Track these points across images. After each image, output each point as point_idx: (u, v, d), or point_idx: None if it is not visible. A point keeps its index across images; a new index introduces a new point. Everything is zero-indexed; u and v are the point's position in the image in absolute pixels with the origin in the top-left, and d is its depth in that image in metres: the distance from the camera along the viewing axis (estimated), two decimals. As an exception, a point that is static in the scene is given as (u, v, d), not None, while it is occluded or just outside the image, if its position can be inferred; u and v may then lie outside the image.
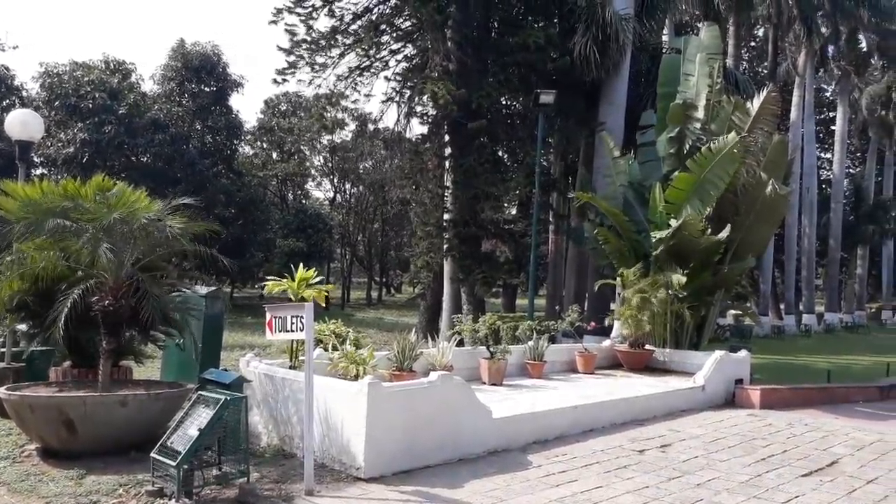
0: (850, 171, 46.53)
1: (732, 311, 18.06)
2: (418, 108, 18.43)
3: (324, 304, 7.98)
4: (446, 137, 16.74)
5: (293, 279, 7.56)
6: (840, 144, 36.96)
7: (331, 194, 47.52)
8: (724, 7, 24.37)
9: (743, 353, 11.17)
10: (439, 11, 15.58)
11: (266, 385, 7.24)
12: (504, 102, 18.70)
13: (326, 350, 8.01)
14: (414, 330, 10.46)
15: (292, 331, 5.71)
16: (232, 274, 34.13)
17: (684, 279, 11.54)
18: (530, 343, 10.75)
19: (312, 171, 46.75)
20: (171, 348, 9.10)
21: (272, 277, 7.85)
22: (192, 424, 5.41)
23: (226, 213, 31.94)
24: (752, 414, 9.64)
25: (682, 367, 11.40)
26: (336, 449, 6.25)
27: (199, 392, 5.88)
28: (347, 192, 46.71)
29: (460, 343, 10.51)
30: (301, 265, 7.73)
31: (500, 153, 19.35)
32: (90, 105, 28.48)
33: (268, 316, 5.94)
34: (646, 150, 14.29)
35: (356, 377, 6.90)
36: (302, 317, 5.54)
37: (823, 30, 31.22)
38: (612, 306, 14.33)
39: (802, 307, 33.07)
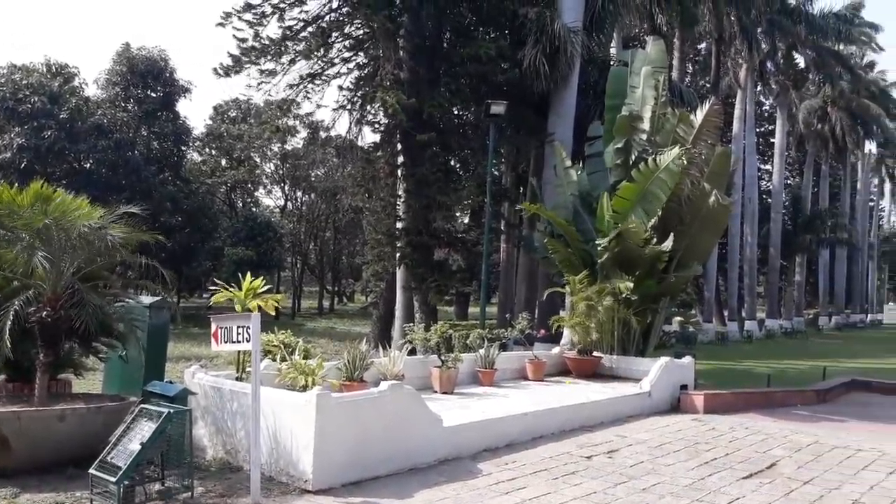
0: (789, 182, 48.37)
1: (678, 318, 18.56)
2: (370, 117, 18.38)
3: (273, 314, 7.86)
4: (398, 146, 16.74)
5: (241, 288, 7.45)
6: (779, 156, 38.40)
7: (281, 202, 46.98)
8: (668, 22, 25.05)
9: (687, 359, 11.46)
10: (391, 20, 15.60)
11: (212, 397, 7.10)
12: (456, 112, 18.81)
13: (275, 361, 7.90)
14: (365, 339, 10.39)
15: (239, 341, 5.63)
16: (178, 283, 33.41)
17: (631, 285, 11.78)
18: (481, 351, 10.80)
19: (263, 179, 46.13)
20: (114, 360, 8.84)
21: (220, 285, 7.72)
22: (134, 439, 5.28)
23: (172, 220, 31.23)
24: (697, 418, 9.88)
25: (629, 374, 11.62)
26: (284, 461, 6.17)
27: (142, 405, 5.74)
28: (299, 200, 46.24)
29: (412, 352, 10.49)
30: (248, 274, 7.63)
31: (452, 162, 19.43)
32: (29, 109, 27.54)
33: (213, 326, 5.83)
34: (594, 160, 14.55)
35: (305, 388, 6.83)
36: (248, 327, 5.46)
37: (763, 46, 32.42)
38: (563, 313, 14.51)
39: (745, 314, 34.11)
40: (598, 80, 17.31)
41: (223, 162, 43.73)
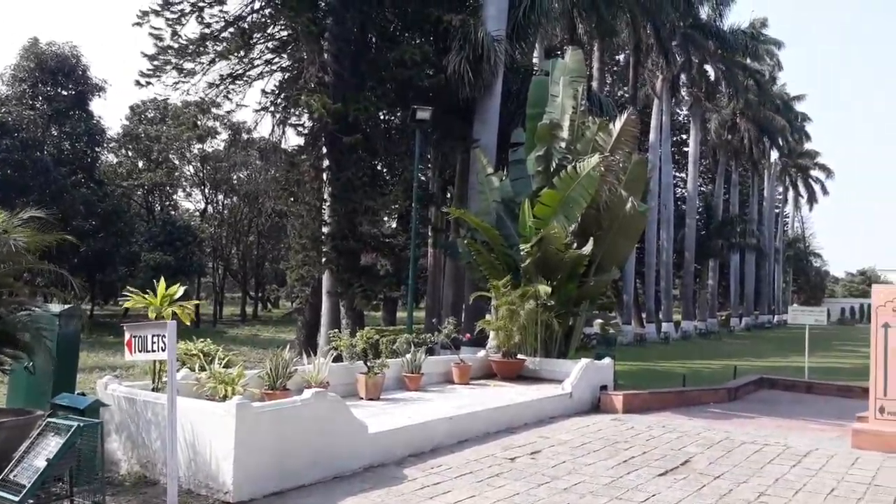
0: (703, 189, 50.58)
1: (599, 321, 19.10)
2: (294, 119, 18.11)
3: (191, 322, 7.63)
4: (324, 149, 16.55)
5: (156, 295, 7.20)
6: (693, 165, 40.09)
7: (202, 205, 45.48)
8: (588, 33, 25.80)
9: (607, 360, 11.80)
10: (314, 22, 15.41)
11: (126, 409, 6.83)
12: (382, 117, 18.77)
13: (193, 370, 7.67)
14: (289, 346, 10.22)
15: (153, 350, 5.43)
16: (92, 290, 31.90)
17: (549, 289, 12.05)
18: (408, 356, 10.82)
19: (182, 181, 44.55)
20: (19, 372, 8.36)
21: (133, 292, 7.44)
22: (40, 455, 5.02)
23: (85, 225, 29.78)
24: (616, 418, 10.18)
25: (552, 375, 11.86)
26: (203, 473, 6.00)
27: (50, 419, 5.47)
28: (220, 203, 44.87)
29: (338, 358, 10.39)
30: (162, 280, 7.37)
31: (378, 167, 19.36)
32: (-77, 105, 25.78)
33: (126, 335, 5.61)
34: (517, 167, 14.83)
35: (225, 398, 6.66)
36: (163, 335, 5.28)
37: (679, 58, 33.82)
38: (489, 317, 14.68)
39: (662, 316, 35.36)
40: (521, 88, 17.62)
41: (140, 164, 41.96)
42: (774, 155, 54.83)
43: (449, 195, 23.19)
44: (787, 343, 30.15)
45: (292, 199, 18.96)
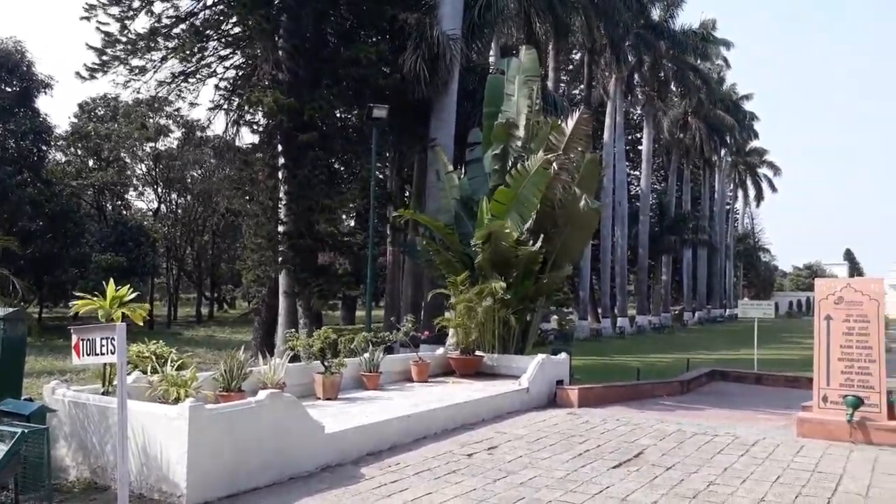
0: (656, 186, 51.54)
1: (555, 317, 19.35)
2: (248, 117, 17.89)
3: (142, 324, 7.47)
4: (279, 147, 16.39)
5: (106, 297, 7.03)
6: (646, 162, 40.82)
7: (155, 205, 44.49)
8: (545, 33, 26.05)
9: (562, 355, 11.95)
10: (268, 20, 15.25)
11: (75, 414, 6.67)
12: (339, 115, 18.67)
13: (146, 373, 7.53)
14: (244, 347, 10.09)
15: (102, 353, 5.30)
16: (40, 292, 30.95)
17: (505, 285, 12.16)
18: (366, 355, 10.79)
19: (134, 181, 43.49)
20: (-40, 379, 8.10)
21: (82, 295, 7.26)
22: (-17, 463, 4.88)
23: (32, 225, 28.93)
24: (572, 412, 10.33)
25: (509, 371, 11.97)
26: (156, 477, 5.91)
27: (-7, 426, 5.31)
28: (173, 203, 43.95)
29: (295, 358, 10.31)
30: (112, 281, 7.21)
31: (335, 165, 19.25)
32: None
33: (74, 338, 5.48)
34: (474, 166, 14.92)
35: (177, 400, 6.56)
36: (113, 338, 5.17)
37: (631, 58, 34.39)
38: (448, 314, 14.74)
39: (617, 311, 35.96)
40: (477, 87, 17.74)
41: (90, 162, 40.83)
42: (724, 153, 56.20)
43: (407, 194, 23.18)
44: (738, 336, 30.94)
45: (247, 197, 18.73)
